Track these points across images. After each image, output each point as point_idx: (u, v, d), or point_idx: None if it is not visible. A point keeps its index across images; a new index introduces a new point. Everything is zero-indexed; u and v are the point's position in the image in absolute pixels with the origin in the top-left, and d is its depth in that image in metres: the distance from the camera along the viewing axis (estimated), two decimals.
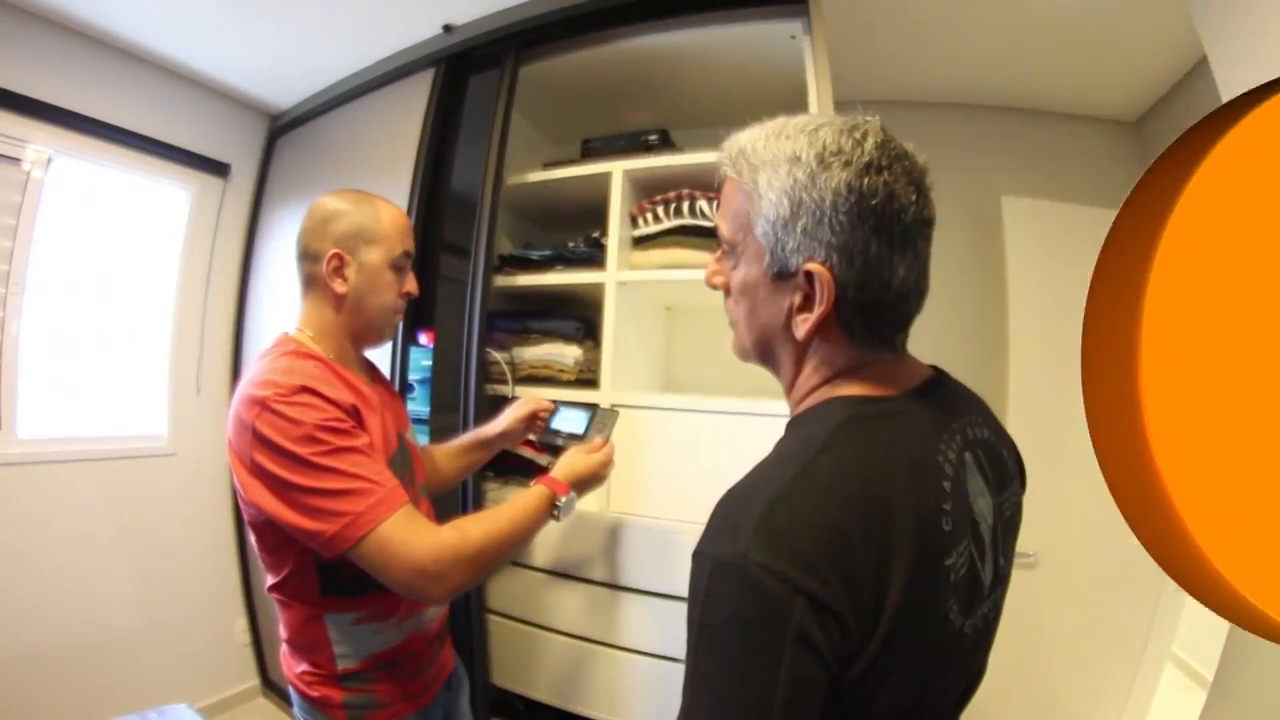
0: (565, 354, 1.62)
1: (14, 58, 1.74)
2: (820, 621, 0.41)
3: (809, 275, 0.51)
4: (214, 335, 2.28)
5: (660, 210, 1.52)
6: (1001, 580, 0.58)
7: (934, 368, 0.62)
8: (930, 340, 2.24)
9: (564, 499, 0.97)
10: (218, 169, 2.25)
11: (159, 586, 2.10)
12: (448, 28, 1.76)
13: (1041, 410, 1.72)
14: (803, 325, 0.53)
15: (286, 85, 2.22)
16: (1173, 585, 1.60)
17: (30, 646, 1.78)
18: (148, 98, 2.06)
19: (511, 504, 0.93)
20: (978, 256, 1.93)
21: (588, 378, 1.63)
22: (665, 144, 1.63)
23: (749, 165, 0.54)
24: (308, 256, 0.96)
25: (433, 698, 1.03)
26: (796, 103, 1.46)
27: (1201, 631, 1.84)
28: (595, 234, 1.63)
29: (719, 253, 0.62)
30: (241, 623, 2.31)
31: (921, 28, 1.67)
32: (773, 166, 0.52)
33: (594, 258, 1.59)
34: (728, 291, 0.61)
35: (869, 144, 0.51)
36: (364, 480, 0.79)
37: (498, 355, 1.63)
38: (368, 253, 0.95)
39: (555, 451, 1.20)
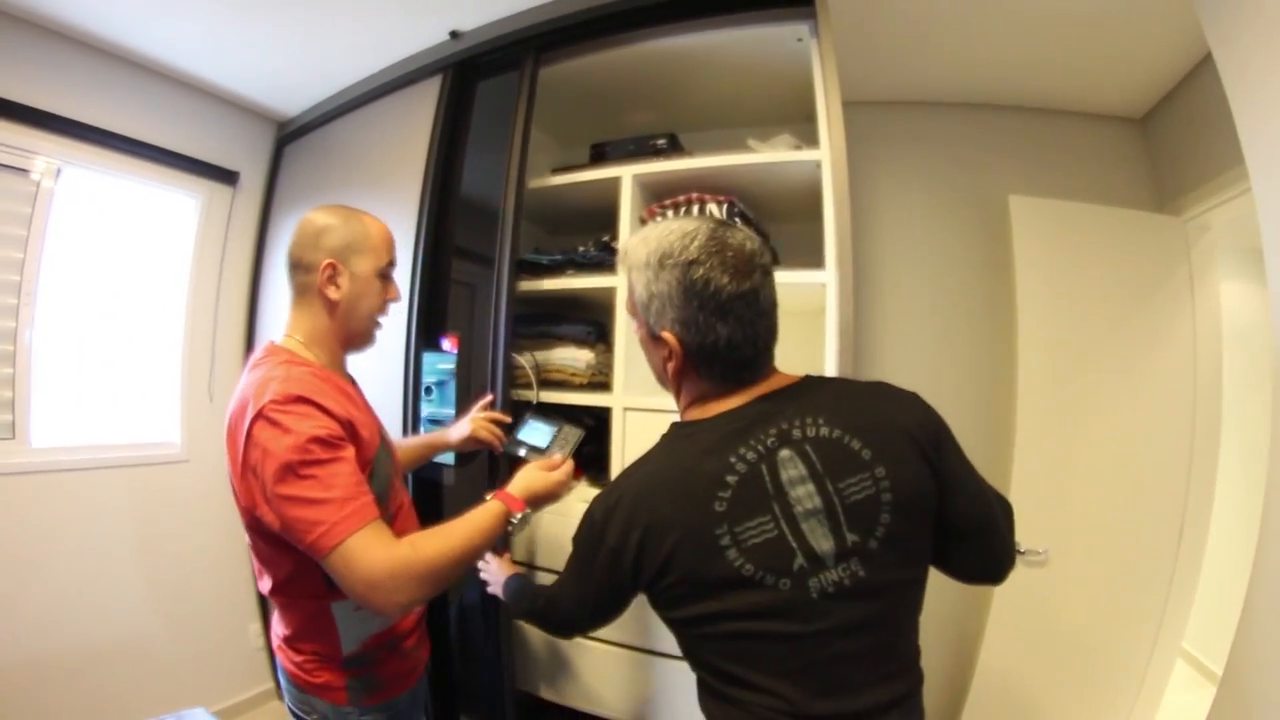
0: (578, 358, 1.62)
1: (22, 70, 1.75)
2: (610, 556, 0.75)
3: (664, 340, 0.76)
4: (225, 342, 2.30)
5: (670, 214, 1.53)
6: (862, 552, 0.70)
7: (803, 378, 0.81)
8: (941, 338, 2.23)
9: (518, 515, 0.99)
10: (226, 177, 2.26)
11: (174, 592, 2.11)
12: (454, 34, 1.77)
13: (1050, 407, 1.73)
14: (670, 370, 0.79)
15: (294, 93, 2.23)
16: (1182, 579, 1.61)
17: (47, 653, 1.79)
18: (155, 107, 2.07)
19: (468, 520, 0.94)
20: (986, 255, 1.93)
21: (600, 381, 1.64)
22: (674, 148, 1.63)
23: (626, 265, 0.82)
24: (301, 267, 1.02)
25: (419, 678, 1.13)
26: (804, 104, 1.46)
27: (1212, 627, 1.85)
28: (605, 238, 1.63)
29: None
30: (255, 627, 2.32)
31: (927, 28, 1.67)
32: (636, 267, 0.79)
33: (604, 262, 1.60)
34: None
35: (694, 246, 0.74)
36: (341, 487, 0.82)
37: (522, 360, 1.62)
38: (358, 262, 1.02)
39: (517, 461, 1.18)
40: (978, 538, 0.78)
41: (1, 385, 1.80)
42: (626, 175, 1.56)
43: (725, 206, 1.47)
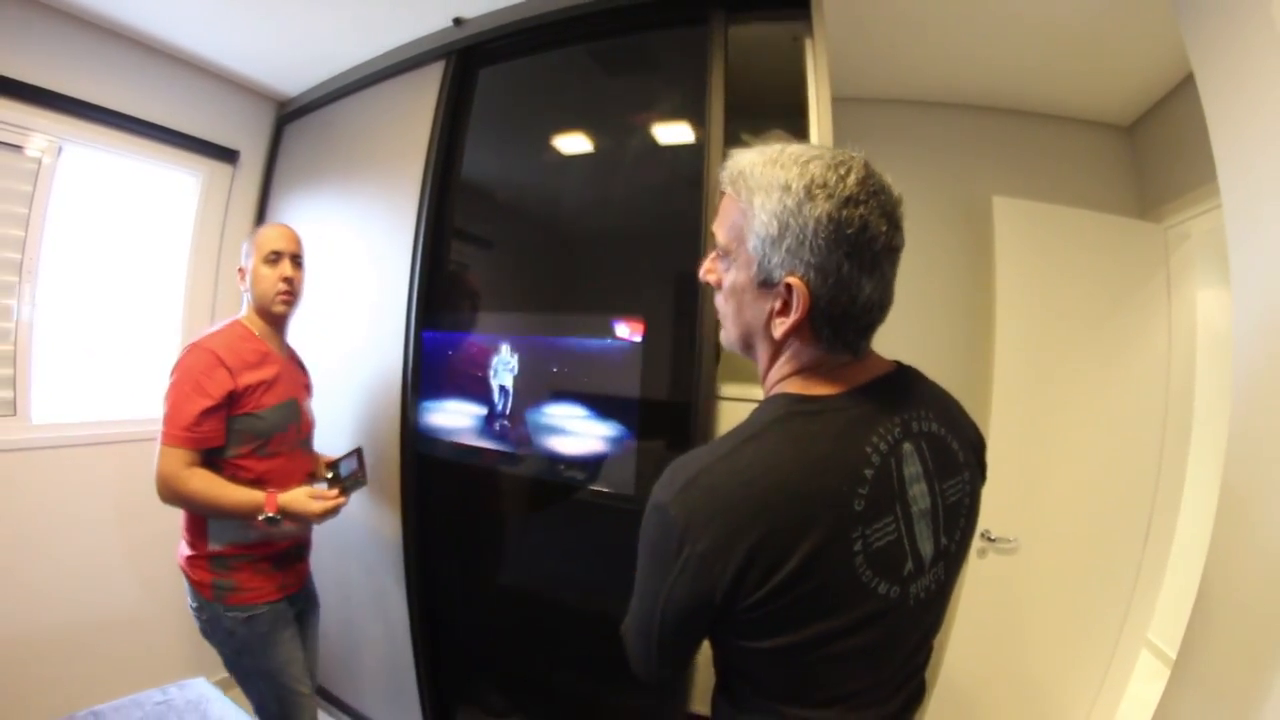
0: None
1: (23, 48, 1.75)
2: (695, 565, 0.57)
3: (789, 287, 0.60)
4: (224, 319, 2.31)
5: None
6: (946, 556, 0.66)
7: (896, 364, 0.70)
8: (919, 332, 2.27)
9: (268, 515, 1.31)
10: (227, 155, 2.27)
11: (173, 565, 2.14)
12: (458, 21, 1.79)
13: (1024, 403, 1.78)
14: (780, 327, 0.62)
15: (295, 73, 2.23)
16: (1148, 573, 1.67)
17: (48, 627, 1.83)
18: (155, 85, 2.07)
19: (234, 493, 1.31)
20: (967, 254, 1.97)
21: None
22: None
23: (746, 187, 0.63)
24: None
25: (281, 599, 1.43)
26: (794, 95, 1.47)
27: (1176, 618, 1.93)
28: None
29: (714, 253, 0.70)
30: None
31: (920, 30, 1.70)
32: (766, 191, 0.60)
33: None
34: (719, 287, 0.69)
35: (851, 179, 0.58)
36: (182, 417, 1.28)
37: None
38: (249, 261, 1.47)
39: (335, 476, 1.46)
40: None
41: (2, 363, 1.82)
42: None
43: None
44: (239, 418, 1.35)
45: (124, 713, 1.44)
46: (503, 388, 1.66)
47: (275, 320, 1.49)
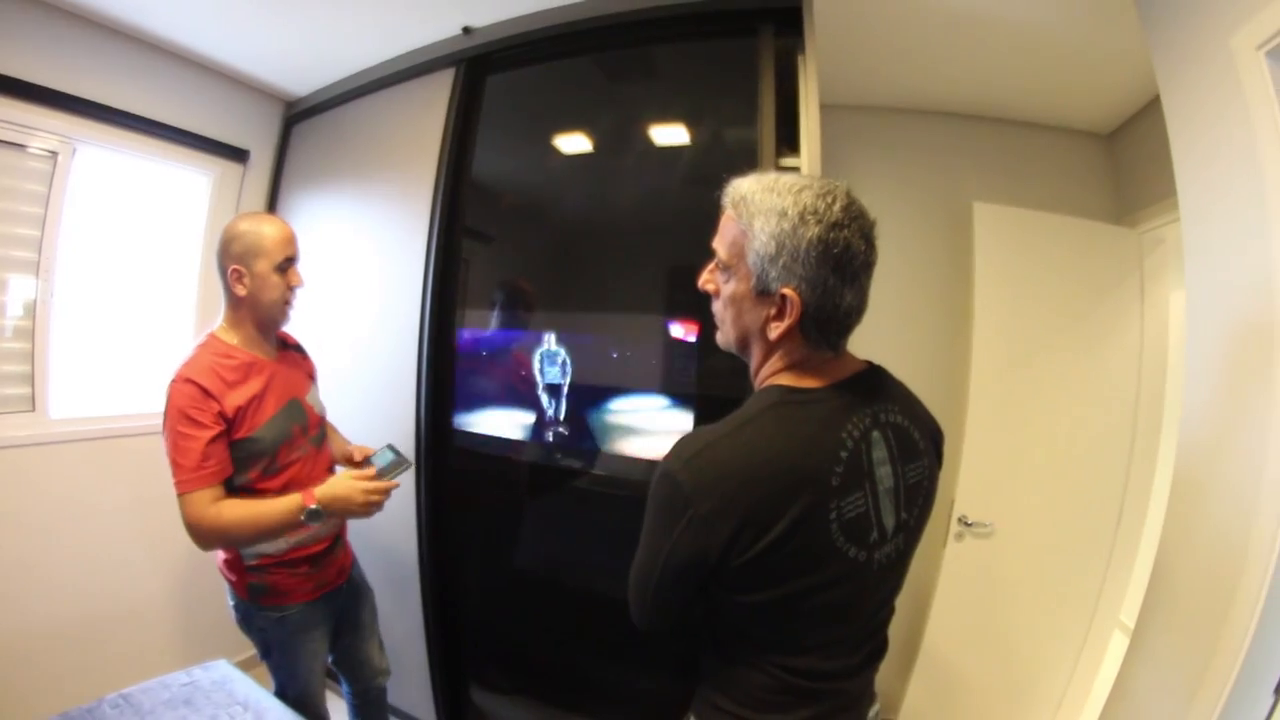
0: None
1: (35, 50, 1.78)
2: (697, 524, 0.67)
3: (784, 297, 0.70)
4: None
5: None
6: (906, 528, 0.77)
7: (868, 363, 0.82)
8: (903, 329, 2.36)
9: (309, 509, 1.23)
10: (237, 155, 2.31)
11: (189, 553, 2.19)
12: (467, 30, 1.84)
13: (1001, 396, 1.87)
14: (775, 330, 0.73)
15: (302, 74, 2.27)
16: (1120, 558, 1.77)
17: (73, 618, 1.89)
18: (166, 86, 2.10)
19: (269, 505, 1.24)
20: (949, 255, 2.05)
21: None
22: None
23: (747, 211, 0.73)
24: (220, 271, 1.33)
25: (316, 598, 1.42)
26: (787, 106, 1.53)
27: None
28: None
29: (713, 264, 0.80)
30: None
31: (907, 41, 1.76)
32: (765, 215, 0.71)
33: None
34: (717, 295, 0.80)
35: (836, 207, 0.69)
36: (189, 458, 1.18)
37: None
38: (257, 264, 1.31)
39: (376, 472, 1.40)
40: None
41: (21, 360, 1.85)
42: None
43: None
44: (238, 444, 1.27)
45: (152, 695, 1.48)
46: (550, 386, 1.70)
47: (265, 324, 1.38)
